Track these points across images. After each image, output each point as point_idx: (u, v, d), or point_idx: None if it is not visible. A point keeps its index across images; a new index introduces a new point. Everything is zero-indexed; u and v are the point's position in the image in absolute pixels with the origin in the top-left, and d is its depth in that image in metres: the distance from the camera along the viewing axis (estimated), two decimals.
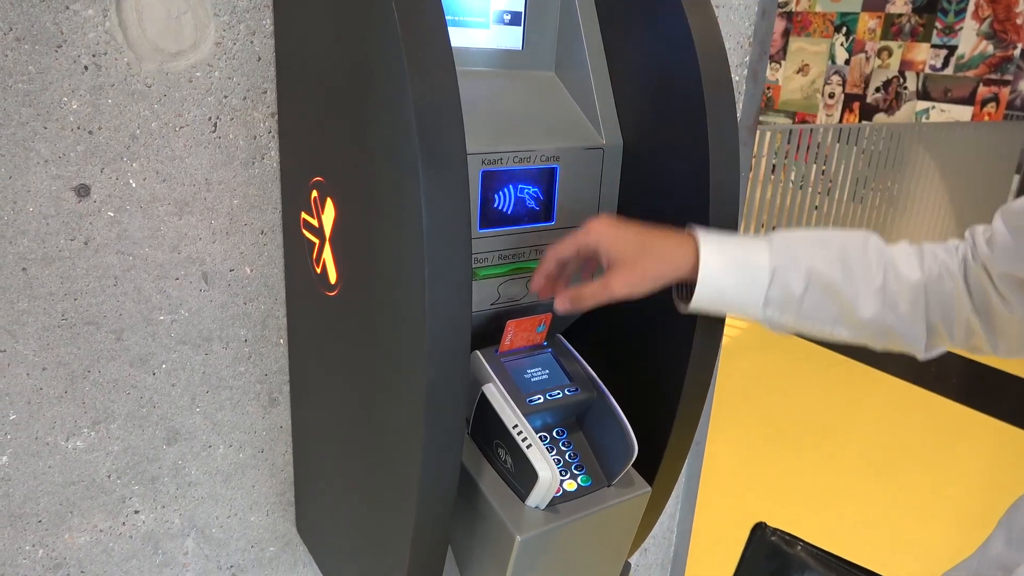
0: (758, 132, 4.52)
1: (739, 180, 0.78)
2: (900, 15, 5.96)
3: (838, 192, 4.95)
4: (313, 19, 0.73)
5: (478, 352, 0.80)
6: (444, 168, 0.59)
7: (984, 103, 5.74)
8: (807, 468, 2.77)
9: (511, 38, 0.86)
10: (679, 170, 0.80)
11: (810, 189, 4.78)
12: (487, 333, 0.86)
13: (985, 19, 5.59)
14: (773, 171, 4.64)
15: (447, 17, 0.64)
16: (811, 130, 4.74)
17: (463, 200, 0.60)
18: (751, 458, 2.82)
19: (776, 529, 0.99)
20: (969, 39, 5.71)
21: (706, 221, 0.77)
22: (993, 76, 5.65)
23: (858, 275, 0.70)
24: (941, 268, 0.70)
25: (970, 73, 5.73)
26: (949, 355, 3.89)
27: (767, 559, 0.98)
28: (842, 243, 0.72)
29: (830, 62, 6.37)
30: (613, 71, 0.86)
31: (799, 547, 0.97)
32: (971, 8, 5.64)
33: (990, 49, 5.62)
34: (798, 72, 6.57)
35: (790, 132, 4.61)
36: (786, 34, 6.65)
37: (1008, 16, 5.46)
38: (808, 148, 4.76)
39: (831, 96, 6.39)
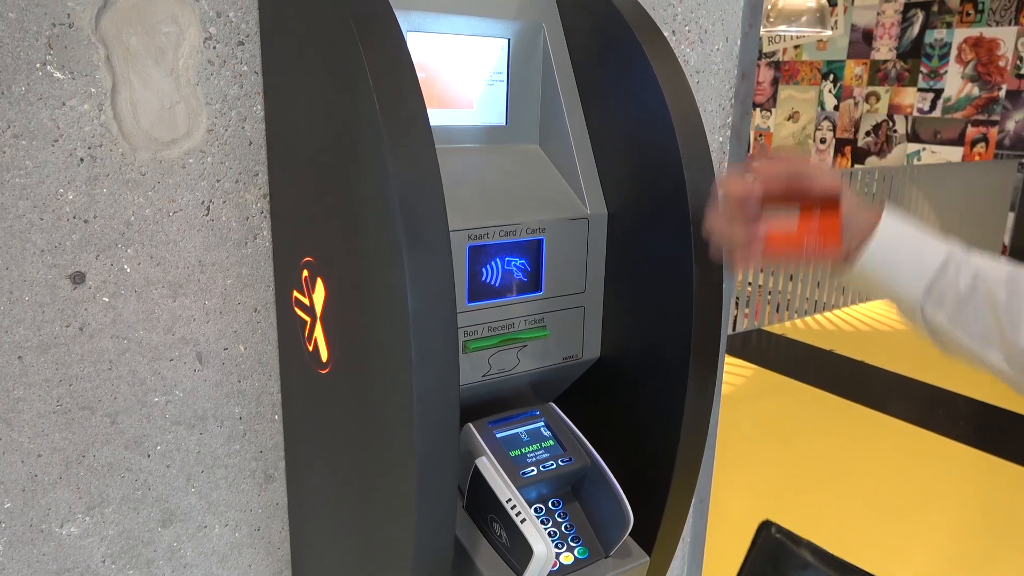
0: None
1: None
2: (885, 61, 6.09)
3: None
4: (301, 105, 0.76)
5: (471, 425, 0.80)
6: (427, 251, 0.61)
7: (974, 143, 5.82)
8: (818, 515, 2.72)
9: (495, 114, 0.89)
10: (662, 238, 0.81)
11: None
12: (480, 404, 0.86)
13: (969, 62, 5.71)
14: None
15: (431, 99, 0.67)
16: None
17: (447, 282, 0.62)
18: (760, 507, 2.77)
19: (782, 527, 0.99)
20: (954, 82, 5.82)
21: (691, 287, 0.78)
22: (980, 117, 5.74)
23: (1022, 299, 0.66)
24: None
25: (958, 115, 5.83)
26: (959, 398, 3.86)
27: (771, 556, 0.97)
28: (1011, 268, 0.68)
29: (819, 108, 6.49)
30: (596, 143, 0.88)
31: (803, 546, 0.97)
32: (954, 52, 5.77)
33: (976, 91, 5.72)
34: (789, 119, 6.68)
35: None
36: (775, 83, 6.78)
37: (991, 59, 5.58)
38: None
39: (822, 141, 6.49)
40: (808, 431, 3.43)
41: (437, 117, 0.84)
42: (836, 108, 6.36)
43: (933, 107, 5.92)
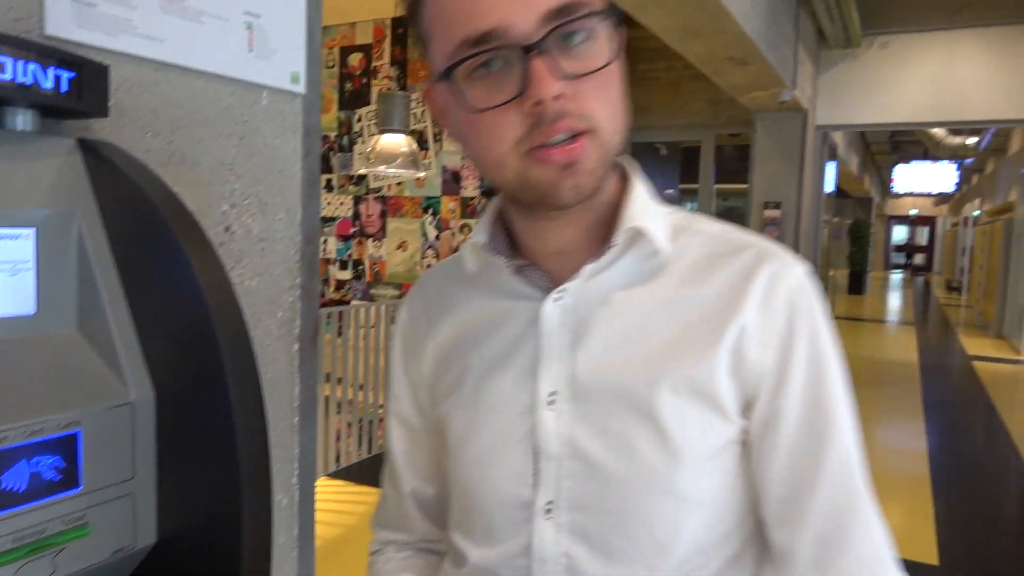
0: (371, 306, 4.85)
1: (265, 421, 0.86)
2: (472, 197, 7.04)
3: None
4: None
5: None
6: None
7: None
8: None
9: (21, 303, 0.85)
10: (208, 413, 0.85)
11: None
12: None
13: None
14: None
15: None
16: None
17: None
18: None
19: None
20: None
21: (235, 456, 0.82)
22: None
23: None
24: None
25: None
26: None
27: None
28: None
29: (424, 238, 7.19)
30: (140, 327, 0.89)
31: None
32: None
33: None
34: (398, 248, 7.27)
35: (397, 305, 5.04)
36: (383, 215, 7.36)
37: None
38: None
39: (429, 267, 7.17)
40: None
41: None
42: (438, 238, 7.11)
43: None
